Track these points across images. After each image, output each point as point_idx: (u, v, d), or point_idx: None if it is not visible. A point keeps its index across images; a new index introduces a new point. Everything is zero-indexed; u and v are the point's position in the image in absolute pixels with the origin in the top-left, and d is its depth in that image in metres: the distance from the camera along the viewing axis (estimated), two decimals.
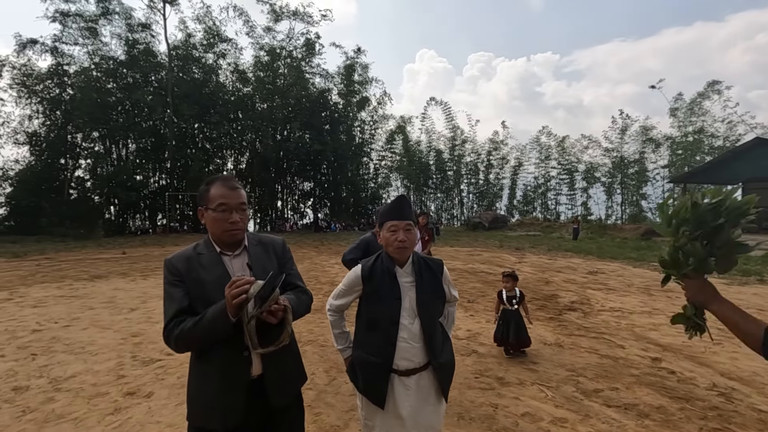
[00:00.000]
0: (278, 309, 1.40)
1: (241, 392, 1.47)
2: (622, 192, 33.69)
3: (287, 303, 1.45)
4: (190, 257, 1.55)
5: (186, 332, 1.42)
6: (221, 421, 1.45)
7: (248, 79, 28.71)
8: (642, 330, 5.33)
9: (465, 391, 3.53)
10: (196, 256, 1.55)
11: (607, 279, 9.31)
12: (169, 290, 1.50)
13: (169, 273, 1.52)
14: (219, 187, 1.54)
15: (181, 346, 1.46)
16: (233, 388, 1.47)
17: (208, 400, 1.47)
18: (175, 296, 1.48)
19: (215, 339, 1.43)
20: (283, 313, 1.43)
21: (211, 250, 1.56)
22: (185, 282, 1.50)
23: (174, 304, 1.47)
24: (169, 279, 1.52)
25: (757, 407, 3.25)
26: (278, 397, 1.55)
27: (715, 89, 29.78)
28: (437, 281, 1.88)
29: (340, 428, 2.94)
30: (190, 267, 1.52)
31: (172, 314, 1.46)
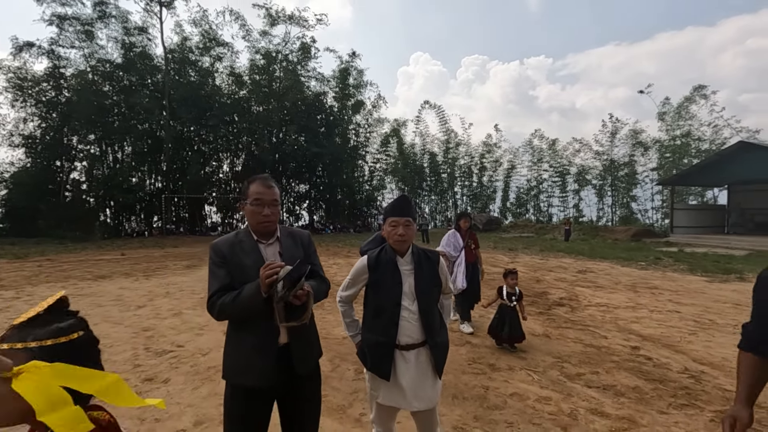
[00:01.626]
0: (302, 294, 1.69)
1: (272, 357, 1.76)
2: (612, 194, 34.27)
3: (310, 290, 1.74)
4: (233, 243, 1.85)
5: (227, 304, 1.72)
6: (256, 380, 1.75)
7: (244, 82, 28.93)
8: (625, 323, 5.68)
9: (459, 375, 3.84)
10: (238, 243, 1.85)
11: (596, 277, 9.68)
12: (214, 269, 1.81)
13: (215, 254, 1.83)
14: (257, 185, 1.84)
15: (222, 315, 1.77)
16: (265, 353, 1.76)
17: (245, 361, 1.77)
18: (219, 274, 1.79)
19: (249, 311, 1.72)
20: (306, 297, 1.72)
21: (249, 238, 1.86)
22: (228, 263, 1.79)
23: (217, 281, 1.78)
24: (214, 260, 1.82)
25: (723, 387, 3.59)
26: (302, 364, 1.84)
27: (701, 93, 30.46)
28: (434, 270, 2.19)
29: (345, 407, 3.23)
30: (233, 251, 1.82)
31: (216, 289, 1.77)
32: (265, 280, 1.63)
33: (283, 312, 1.72)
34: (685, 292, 7.72)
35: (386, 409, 2.15)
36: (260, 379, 1.75)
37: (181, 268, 11.24)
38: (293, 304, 1.71)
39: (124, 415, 3.08)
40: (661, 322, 5.68)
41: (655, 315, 6.06)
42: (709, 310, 6.35)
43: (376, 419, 2.22)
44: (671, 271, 10.54)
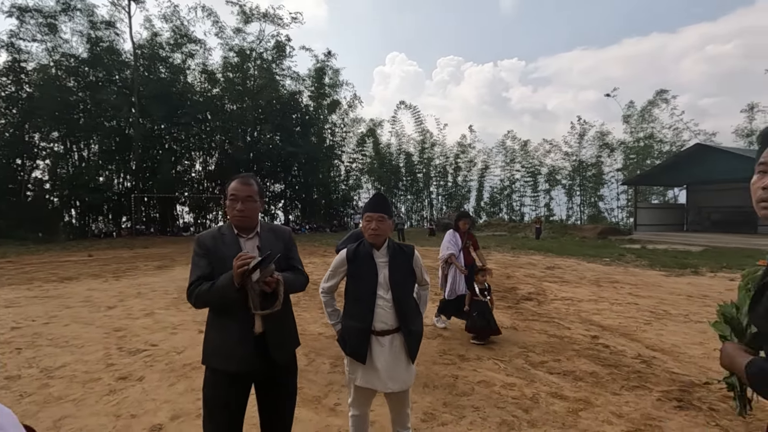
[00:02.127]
0: (272, 281, 1.82)
1: (250, 344, 1.86)
2: (581, 194, 35.52)
3: (280, 278, 1.86)
4: (216, 236, 1.96)
5: (203, 292, 1.84)
6: (234, 365, 1.85)
7: (217, 80, 28.41)
8: (587, 314, 6.01)
9: (430, 366, 4.02)
10: (220, 236, 1.96)
11: (563, 273, 10.10)
12: (196, 260, 1.93)
13: (198, 246, 1.94)
14: (234, 182, 1.95)
15: (199, 303, 1.88)
16: (244, 340, 1.86)
17: (224, 347, 1.88)
18: (200, 264, 1.90)
19: (224, 299, 1.83)
20: (275, 284, 1.84)
21: (230, 232, 1.97)
22: (209, 255, 1.90)
23: (197, 270, 1.90)
24: (197, 251, 1.94)
25: (671, 370, 3.90)
26: (278, 352, 1.95)
27: (663, 98, 32.03)
28: (408, 263, 2.35)
29: (320, 398, 3.35)
30: (215, 244, 1.93)
31: (195, 278, 1.88)
32: (237, 270, 1.74)
33: (258, 300, 1.84)
34: (643, 286, 8.19)
35: (363, 392, 2.29)
36: (238, 364, 1.86)
37: (152, 269, 11.02)
38: (264, 291, 1.83)
39: (100, 412, 3.10)
40: (620, 314, 6.04)
41: (615, 307, 6.44)
42: (664, 301, 6.78)
43: (353, 402, 2.36)
44: (633, 267, 11.10)
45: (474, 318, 4.73)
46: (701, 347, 4.56)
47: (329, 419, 3.01)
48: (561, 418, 2.99)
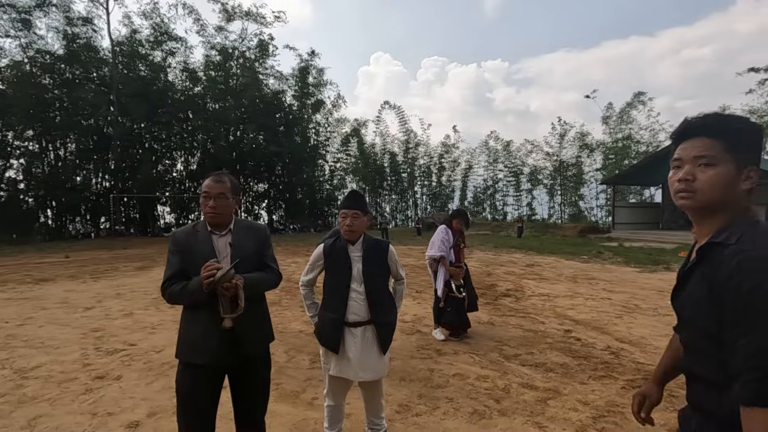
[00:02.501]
0: (230, 287, 1.85)
1: (218, 338, 1.90)
2: (562, 193, 36.24)
3: (239, 283, 1.87)
4: (189, 233, 2.00)
5: (176, 293, 1.91)
6: (204, 358, 1.91)
7: (199, 78, 28.03)
8: (562, 309, 6.19)
9: (408, 360, 4.12)
10: (194, 233, 2.00)
11: (542, 270, 10.34)
12: (170, 256, 1.97)
13: (172, 244, 1.99)
14: (207, 180, 2.00)
15: (172, 300, 1.94)
16: (214, 334, 1.90)
17: (195, 340, 1.93)
18: (173, 261, 1.95)
19: (194, 302, 1.90)
20: (234, 289, 1.86)
21: (204, 229, 2.02)
22: (183, 251, 1.94)
23: (171, 268, 1.95)
24: (171, 248, 1.99)
25: (638, 361, 4.08)
26: (247, 345, 2.00)
27: (640, 100, 32.92)
28: (382, 258, 2.44)
29: (299, 393, 3.41)
30: (188, 241, 1.97)
31: (169, 275, 1.94)
32: (203, 281, 1.79)
33: (227, 303, 1.88)
34: (618, 282, 8.46)
35: (337, 382, 2.37)
36: (207, 357, 1.91)
37: (132, 270, 10.87)
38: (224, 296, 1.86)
39: (76, 411, 3.10)
40: (594, 308, 6.25)
41: (589, 302, 6.65)
42: (636, 296, 7.03)
43: (328, 393, 2.44)
44: (609, 264, 11.43)
45: (449, 314, 4.83)
46: (667, 338, 4.74)
47: (306, 413, 3.07)
48: (530, 406, 3.12)
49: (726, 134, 1.02)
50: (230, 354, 1.95)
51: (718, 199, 1.02)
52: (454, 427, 2.85)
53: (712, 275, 0.96)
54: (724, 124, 1.04)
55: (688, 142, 1.07)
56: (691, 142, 1.06)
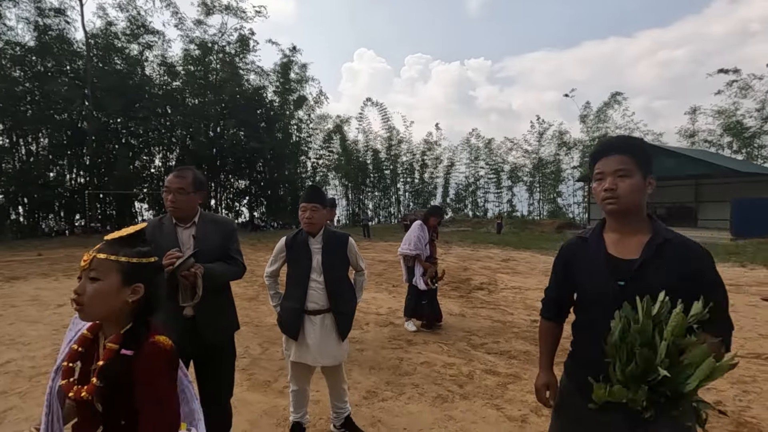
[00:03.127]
0: (189, 275, 1.93)
1: (180, 327, 1.98)
2: (540, 190, 36.94)
3: (198, 272, 1.95)
4: (155, 225, 2.10)
5: None
6: None
7: (178, 72, 27.45)
8: (531, 301, 6.43)
9: (379, 350, 4.26)
10: (160, 225, 2.10)
11: (517, 265, 10.62)
12: None
13: None
14: (170, 175, 2.09)
15: None
16: (174, 323, 1.98)
17: None
18: None
19: None
20: (194, 278, 1.95)
21: (170, 221, 2.11)
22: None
23: None
24: None
25: None
26: (208, 333, 2.09)
27: (617, 99, 33.79)
28: (342, 250, 2.56)
29: (270, 382, 3.51)
30: (153, 233, 2.06)
31: None
32: (164, 266, 1.87)
33: (188, 292, 1.98)
34: None
35: (299, 368, 2.49)
36: None
37: None
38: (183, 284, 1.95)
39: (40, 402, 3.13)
40: None
41: None
42: None
43: (292, 378, 2.56)
44: None
45: (424, 306, 4.99)
46: None
47: (276, 400, 3.18)
48: (491, 390, 3.30)
49: (634, 151, 1.32)
50: (191, 343, 2.04)
51: (635, 202, 1.30)
52: (418, 410, 3.00)
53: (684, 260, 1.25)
54: (632, 144, 1.35)
55: (607, 158, 1.34)
56: (610, 158, 1.33)
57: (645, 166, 1.31)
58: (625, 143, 1.35)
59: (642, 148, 1.35)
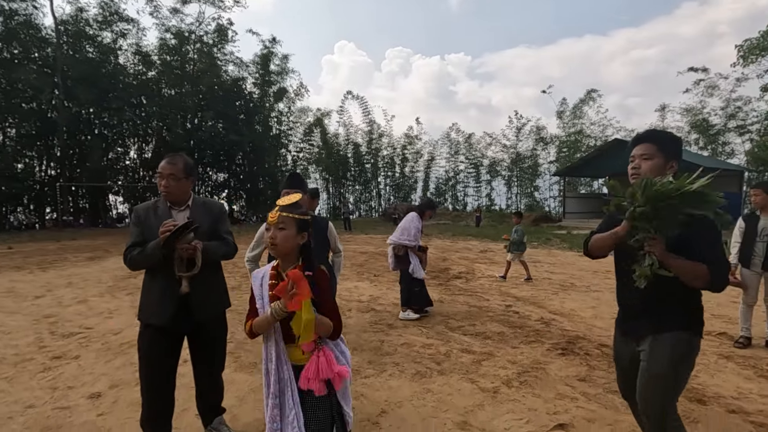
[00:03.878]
0: (189, 248, 2.08)
1: (174, 302, 2.13)
2: (518, 184, 37.75)
3: (198, 246, 2.11)
4: (149, 207, 2.21)
5: (135, 256, 2.14)
6: (160, 320, 2.13)
7: (153, 62, 26.75)
8: (506, 288, 6.73)
9: (361, 334, 4.44)
10: (154, 208, 2.22)
11: (494, 256, 10.97)
12: (131, 227, 2.21)
13: (133, 216, 2.22)
14: (162, 161, 2.21)
15: (132, 264, 2.16)
16: (170, 299, 2.13)
17: (153, 304, 2.15)
18: (134, 232, 2.19)
19: (153, 262, 2.11)
20: (193, 251, 2.10)
21: (164, 204, 2.23)
22: (142, 223, 2.15)
23: (132, 237, 2.18)
24: (132, 220, 2.23)
25: (564, 328, 4.60)
26: (200, 311, 2.22)
27: (592, 96, 34.73)
28: (323, 233, 2.72)
29: (256, 364, 3.64)
30: (147, 214, 2.18)
31: (130, 244, 2.17)
32: (161, 235, 2.02)
33: (183, 265, 2.11)
34: (560, 265, 9.17)
35: None
36: (163, 319, 2.13)
37: (83, 260, 10.52)
38: (183, 256, 2.09)
39: (35, 387, 3.19)
40: (534, 287, 6.82)
41: (531, 282, 7.23)
42: (573, 276, 7.70)
43: None
44: (555, 249, 12.26)
45: (418, 293, 5.18)
46: (592, 310, 5.37)
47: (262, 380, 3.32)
48: (466, 366, 3.53)
49: (657, 140, 1.78)
50: (186, 319, 2.18)
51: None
52: (398, 384, 3.20)
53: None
54: (657, 135, 1.83)
55: (638, 146, 1.81)
56: (640, 146, 1.80)
57: (668, 153, 1.74)
58: (652, 134, 1.84)
59: (665, 138, 1.81)
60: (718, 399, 2.92)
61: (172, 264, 2.08)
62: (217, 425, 2.43)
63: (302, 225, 1.62)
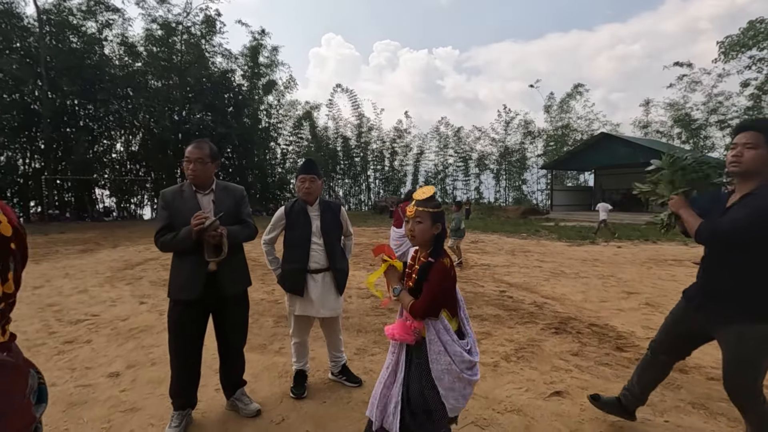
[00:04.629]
0: (215, 235, 2.23)
1: (202, 279, 2.28)
2: (506, 178, 38.25)
3: (223, 232, 2.26)
4: (176, 192, 2.34)
5: (167, 241, 2.28)
6: (189, 294, 2.28)
7: (139, 53, 26.29)
8: (499, 276, 6.97)
9: (363, 317, 4.62)
10: (180, 192, 2.35)
11: (485, 246, 11.24)
12: (160, 211, 2.35)
13: (161, 200, 2.35)
14: (189, 147, 2.35)
15: (164, 248, 2.31)
16: (198, 276, 2.27)
17: (183, 281, 2.29)
18: (162, 216, 2.32)
19: (184, 249, 2.26)
20: (219, 237, 2.25)
21: (190, 188, 2.36)
22: (170, 206, 2.28)
23: (160, 221, 2.32)
24: (160, 204, 2.35)
25: (556, 311, 4.85)
26: (227, 287, 2.38)
27: (578, 91, 35.25)
28: (336, 216, 2.87)
29: (266, 345, 3.80)
30: (174, 198, 2.31)
31: (159, 227, 2.31)
32: (194, 228, 2.16)
33: (211, 250, 2.26)
34: (549, 254, 9.47)
35: (301, 321, 2.80)
36: (194, 295, 2.28)
37: (75, 253, 10.47)
38: (211, 242, 2.24)
39: (53, 368, 3.30)
40: (526, 274, 7.08)
41: (523, 270, 7.49)
42: (563, 265, 7.99)
43: (294, 332, 2.86)
44: (545, 240, 12.58)
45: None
46: (582, 295, 5.64)
47: (275, 359, 3.48)
48: None
49: (764, 129, 1.71)
50: (213, 294, 2.33)
51: (754, 169, 1.74)
52: None
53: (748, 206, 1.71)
54: (764, 124, 1.75)
55: (742, 134, 1.77)
56: (744, 134, 1.76)
57: None
58: (758, 123, 1.79)
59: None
60: (699, 369, 3.18)
61: (201, 250, 2.22)
62: (239, 396, 2.58)
63: (436, 217, 1.77)
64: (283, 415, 2.55)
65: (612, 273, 7.21)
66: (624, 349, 3.65)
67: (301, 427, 2.42)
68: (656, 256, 9.19)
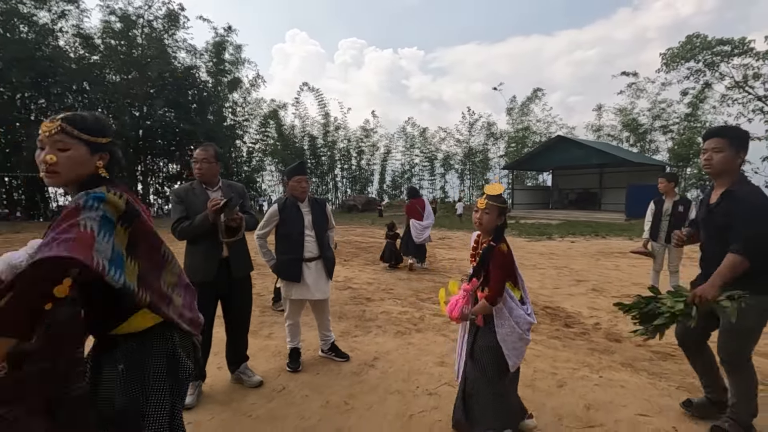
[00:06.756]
0: (236, 218, 2.60)
1: (216, 261, 2.64)
2: (470, 177, 39.56)
3: (242, 216, 2.65)
4: (188, 189, 2.69)
5: (185, 228, 2.62)
6: (203, 276, 2.61)
7: (96, 46, 25.22)
8: (465, 268, 7.54)
9: (343, 306, 5.02)
10: (191, 189, 2.69)
11: (452, 242, 11.87)
12: (175, 205, 2.68)
13: (174, 196, 2.70)
14: (197, 149, 2.69)
15: (182, 235, 2.64)
16: (212, 260, 2.63)
17: (197, 264, 2.63)
18: (178, 209, 2.65)
19: (201, 231, 2.59)
20: (240, 221, 2.63)
21: (199, 186, 2.70)
22: (184, 201, 2.62)
23: (177, 213, 2.65)
24: (174, 199, 2.69)
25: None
26: (237, 270, 2.74)
27: (538, 95, 37.01)
28: (323, 212, 3.26)
29: (256, 331, 4.12)
30: (187, 194, 2.66)
31: (177, 218, 2.64)
32: (211, 209, 2.50)
33: (224, 232, 2.62)
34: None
35: (296, 305, 3.18)
36: (208, 276, 2.62)
37: None
38: (231, 225, 2.61)
39: None
40: None
41: None
42: (522, 258, 8.69)
43: (288, 315, 3.23)
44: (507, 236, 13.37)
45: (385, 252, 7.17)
46: (538, 283, 6.29)
47: (266, 342, 3.83)
48: (438, 326, 4.22)
49: (727, 135, 2.03)
50: (224, 278, 2.68)
51: (723, 169, 2.09)
52: (383, 341, 3.82)
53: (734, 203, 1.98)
54: (726, 130, 2.06)
55: (709, 140, 2.07)
56: (711, 140, 2.06)
57: (737, 145, 2.00)
58: (722, 129, 2.07)
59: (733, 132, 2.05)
60: (631, 339, 3.82)
61: (216, 232, 2.56)
62: (243, 369, 2.93)
63: (502, 211, 2.10)
64: (283, 384, 2.92)
65: (565, 264, 7.97)
66: (571, 326, 4.26)
67: (300, 393, 2.80)
68: (605, 249, 10.12)
